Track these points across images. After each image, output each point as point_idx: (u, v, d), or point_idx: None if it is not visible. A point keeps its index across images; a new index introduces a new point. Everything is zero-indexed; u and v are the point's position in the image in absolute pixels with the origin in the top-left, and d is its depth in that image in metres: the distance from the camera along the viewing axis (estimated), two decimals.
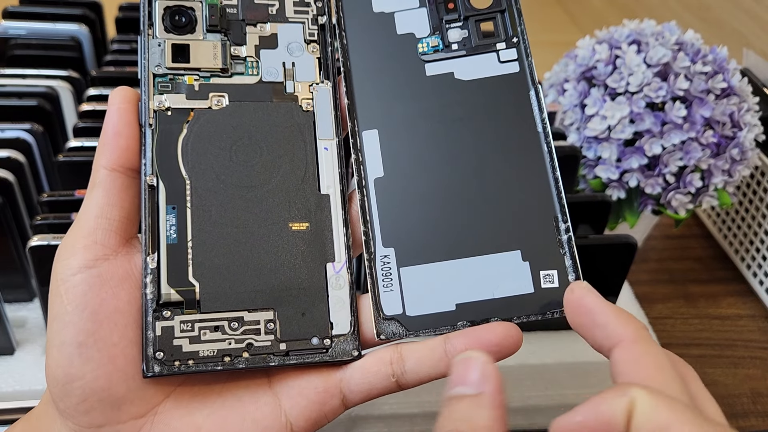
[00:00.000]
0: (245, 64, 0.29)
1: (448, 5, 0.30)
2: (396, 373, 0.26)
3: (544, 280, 0.28)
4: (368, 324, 0.28)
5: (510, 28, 0.30)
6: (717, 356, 0.57)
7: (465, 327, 0.27)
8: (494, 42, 0.30)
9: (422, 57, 0.30)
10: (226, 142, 0.28)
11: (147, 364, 0.25)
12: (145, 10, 0.28)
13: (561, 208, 0.28)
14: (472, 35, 0.30)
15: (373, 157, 0.29)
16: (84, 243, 0.26)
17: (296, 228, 0.28)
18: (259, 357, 0.26)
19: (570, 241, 0.28)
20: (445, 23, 0.30)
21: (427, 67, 0.30)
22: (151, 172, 0.27)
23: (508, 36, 0.30)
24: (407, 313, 0.28)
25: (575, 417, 0.20)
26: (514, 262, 0.28)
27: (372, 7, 0.30)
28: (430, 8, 0.30)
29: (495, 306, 0.27)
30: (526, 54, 0.30)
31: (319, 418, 0.27)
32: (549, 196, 0.28)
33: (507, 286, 0.28)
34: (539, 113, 0.29)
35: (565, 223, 0.28)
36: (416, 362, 0.26)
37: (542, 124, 0.29)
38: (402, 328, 0.27)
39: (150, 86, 0.28)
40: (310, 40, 0.30)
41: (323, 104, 0.29)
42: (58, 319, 0.25)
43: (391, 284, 0.28)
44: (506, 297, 0.27)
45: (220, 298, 0.26)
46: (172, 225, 0.27)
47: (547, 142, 0.29)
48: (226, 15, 0.29)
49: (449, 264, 0.28)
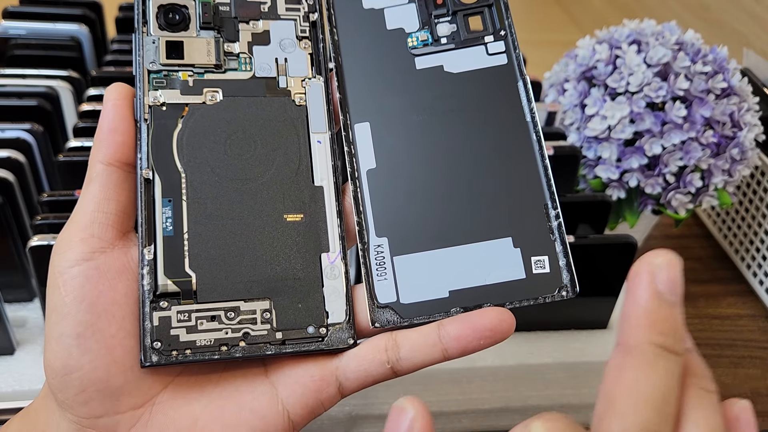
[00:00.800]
0: (238, 60, 0.30)
1: (437, 1, 0.31)
2: (391, 359, 0.27)
3: (536, 265, 0.28)
4: (363, 313, 0.28)
5: (498, 21, 0.31)
6: (717, 356, 0.57)
7: (458, 313, 0.27)
8: (482, 35, 0.31)
9: (412, 51, 0.31)
10: (220, 136, 0.28)
11: (144, 354, 0.25)
12: (140, 8, 0.29)
13: (551, 195, 0.29)
14: (461, 29, 0.31)
15: (366, 149, 0.30)
16: (81, 236, 0.26)
17: (291, 219, 0.28)
18: (256, 346, 0.27)
19: (560, 227, 0.28)
20: (434, 18, 0.31)
21: (417, 60, 0.31)
22: (147, 166, 0.27)
23: (496, 29, 0.31)
24: (401, 300, 0.28)
25: None
26: (506, 248, 0.28)
27: (362, 4, 0.31)
28: (419, 4, 0.31)
29: (487, 292, 0.28)
30: (514, 46, 0.30)
31: (315, 406, 0.27)
32: (539, 184, 0.29)
33: (499, 272, 0.28)
34: (527, 103, 0.30)
35: (554, 210, 0.28)
36: (411, 349, 0.27)
37: (530, 114, 0.30)
38: (396, 315, 0.28)
39: (145, 82, 0.28)
40: (302, 36, 0.31)
41: (316, 99, 0.30)
42: (57, 311, 0.25)
43: (384, 273, 0.28)
44: (498, 283, 0.28)
45: (216, 289, 0.27)
46: (168, 217, 0.27)
47: (535, 131, 0.29)
48: (219, 13, 0.30)
49: (442, 252, 0.28)
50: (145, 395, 0.26)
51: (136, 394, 0.26)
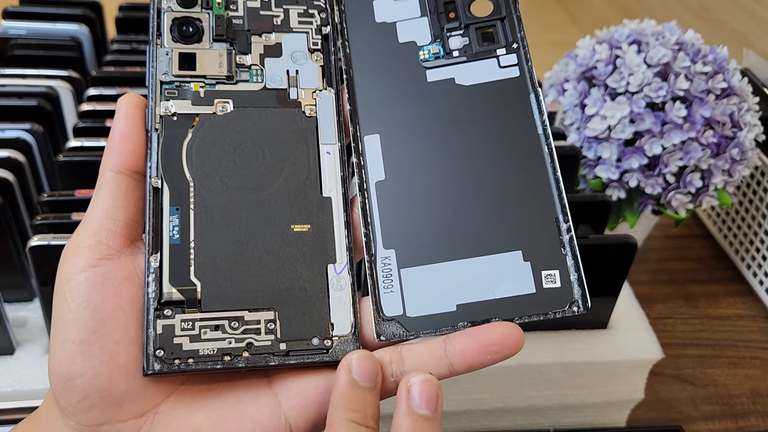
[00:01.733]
0: (250, 71, 0.30)
1: (449, 15, 0.31)
2: (395, 373, 0.26)
3: (546, 280, 0.28)
4: (369, 326, 0.28)
5: (510, 34, 0.30)
6: (717, 356, 0.57)
7: (466, 327, 0.27)
8: (494, 48, 0.30)
9: (423, 64, 0.30)
10: (229, 145, 0.28)
11: (147, 362, 0.25)
12: (154, 21, 0.29)
13: (562, 208, 0.28)
14: (473, 42, 0.30)
15: (375, 161, 0.29)
16: (89, 243, 0.26)
17: (298, 230, 0.28)
18: (259, 356, 0.26)
19: (572, 241, 0.28)
20: (446, 31, 0.31)
21: (428, 73, 0.30)
22: (156, 174, 0.27)
23: (508, 42, 0.30)
24: (407, 313, 0.28)
25: None
26: (516, 262, 0.28)
27: (374, 17, 0.31)
28: (431, 17, 0.31)
29: (496, 306, 0.27)
30: (526, 59, 0.30)
31: (318, 419, 0.27)
32: (550, 197, 0.28)
33: (508, 286, 0.27)
34: (539, 116, 0.29)
35: (566, 223, 0.28)
36: (416, 362, 0.26)
37: (542, 126, 0.29)
38: (402, 328, 0.27)
39: (157, 93, 0.28)
40: (314, 49, 0.31)
41: (326, 110, 0.30)
42: (62, 317, 0.25)
43: (391, 285, 0.28)
44: (507, 297, 0.27)
45: (221, 298, 0.27)
46: (175, 226, 0.27)
47: (547, 143, 0.29)
48: (233, 25, 0.30)
49: (450, 265, 0.28)
50: (147, 404, 0.26)
51: (138, 402, 0.26)
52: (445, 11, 0.31)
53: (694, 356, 0.57)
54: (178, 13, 0.30)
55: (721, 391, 0.54)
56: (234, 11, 0.30)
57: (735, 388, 0.54)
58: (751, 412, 0.53)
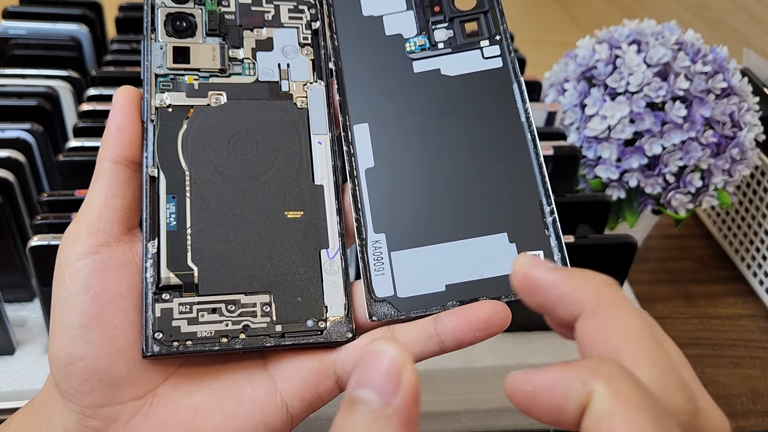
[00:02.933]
0: (242, 65, 0.31)
1: (434, 8, 0.32)
2: None
3: None
4: (362, 308, 0.29)
5: (493, 26, 0.32)
6: (717, 356, 0.57)
7: (455, 306, 0.28)
8: (478, 40, 0.32)
9: (410, 56, 0.32)
10: (224, 136, 0.29)
11: (146, 344, 0.26)
12: (148, 16, 0.30)
13: (545, 191, 0.29)
14: (457, 34, 0.32)
15: (364, 149, 0.30)
16: (88, 230, 0.27)
17: (291, 216, 0.29)
18: (256, 338, 0.27)
19: (555, 222, 0.29)
20: (432, 24, 0.32)
21: (414, 64, 0.32)
22: (153, 164, 0.28)
23: (492, 34, 0.32)
24: (398, 294, 0.28)
25: (528, 386, 0.18)
26: (502, 243, 0.29)
27: (362, 11, 0.32)
28: (416, 11, 0.32)
29: (483, 286, 0.28)
30: (509, 50, 0.31)
31: (313, 398, 0.27)
32: (534, 181, 0.30)
33: (495, 266, 0.29)
34: (522, 104, 0.31)
35: (549, 206, 0.29)
36: (408, 342, 0.27)
37: (525, 114, 0.30)
38: (393, 309, 0.28)
39: (152, 85, 0.29)
40: (304, 43, 0.32)
41: (317, 102, 0.31)
42: (62, 302, 0.26)
43: (382, 268, 0.29)
44: (494, 277, 0.28)
45: (217, 282, 0.27)
46: (172, 213, 0.28)
47: (530, 131, 0.30)
48: (225, 21, 0.31)
49: (438, 247, 0.29)
50: (146, 386, 0.27)
51: (137, 384, 0.26)
52: (431, 5, 0.32)
53: (694, 356, 0.57)
54: (172, 8, 0.31)
55: (721, 390, 0.54)
56: (226, 7, 0.31)
57: (735, 388, 0.54)
58: (751, 411, 0.53)
